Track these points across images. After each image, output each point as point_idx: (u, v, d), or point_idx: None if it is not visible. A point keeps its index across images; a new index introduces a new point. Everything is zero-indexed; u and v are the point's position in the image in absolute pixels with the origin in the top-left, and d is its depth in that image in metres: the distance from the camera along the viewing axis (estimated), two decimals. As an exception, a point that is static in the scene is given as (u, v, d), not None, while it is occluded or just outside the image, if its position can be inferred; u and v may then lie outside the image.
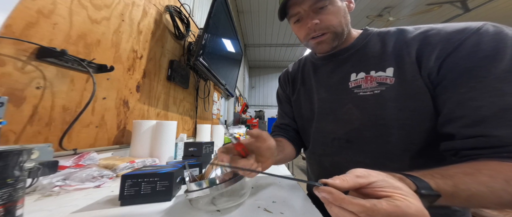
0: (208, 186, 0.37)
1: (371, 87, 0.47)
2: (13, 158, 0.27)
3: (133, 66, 0.89)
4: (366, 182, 0.24)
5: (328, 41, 0.50)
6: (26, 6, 0.51)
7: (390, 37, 0.48)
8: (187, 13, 1.36)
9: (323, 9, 0.48)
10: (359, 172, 0.25)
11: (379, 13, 4.36)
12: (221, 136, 1.57)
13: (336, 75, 0.54)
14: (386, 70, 0.45)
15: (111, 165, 0.60)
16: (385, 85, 0.45)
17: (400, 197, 0.21)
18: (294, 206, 0.44)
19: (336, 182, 0.24)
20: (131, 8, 0.87)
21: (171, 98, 1.26)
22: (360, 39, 0.53)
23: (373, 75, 0.47)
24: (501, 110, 0.31)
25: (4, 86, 0.47)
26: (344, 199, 0.22)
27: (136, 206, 0.41)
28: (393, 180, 0.24)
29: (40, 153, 0.47)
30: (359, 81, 0.49)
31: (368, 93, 0.47)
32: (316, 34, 0.50)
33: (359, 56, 0.51)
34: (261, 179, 0.65)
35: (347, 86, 0.51)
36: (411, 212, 0.20)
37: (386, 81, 0.45)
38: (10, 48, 0.48)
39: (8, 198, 0.27)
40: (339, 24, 0.49)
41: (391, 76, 0.45)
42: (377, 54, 0.48)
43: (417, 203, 0.22)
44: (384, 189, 0.23)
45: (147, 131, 0.79)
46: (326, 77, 0.57)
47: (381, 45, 0.49)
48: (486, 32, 0.35)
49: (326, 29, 0.49)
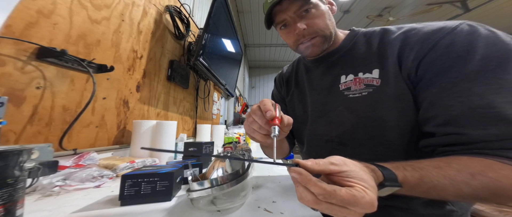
0: (210, 186, 0.37)
1: (359, 89, 0.47)
2: (13, 158, 0.27)
3: (133, 66, 0.89)
4: (337, 169, 0.25)
5: (318, 44, 0.50)
6: (26, 6, 0.51)
7: (375, 38, 0.48)
8: (187, 13, 1.36)
9: (308, 13, 0.48)
10: (334, 159, 0.26)
11: (379, 13, 4.36)
12: (221, 136, 1.57)
13: (327, 78, 0.54)
14: (373, 71, 0.46)
15: (111, 165, 0.60)
16: (372, 87, 0.45)
17: (359, 188, 0.23)
18: (294, 206, 0.44)
19: (308, 164, 0.26)
20: (131, 8, 0.87)
21: (171, 98, 1.26)
22: (347, 40, 0.53)
23: (361, 77, 0.47)
24: (469, 109, 0.33)
25: (4, 86, 0.47)
26: (310, 180, 0.24)
27: (136, 206, 0.41)
28: (363, 172, 0.26)
29: (40, 153, 0.47)
30: (348, 83, 0.49)
31: (357, 95, 0.47)
32: (306, 39, 0.50)
33: (347, 58, 0.51)
34: (261, 179, 0.65)
35: (338, 88, 0.51)
36: (362, 202, 0.22)
37: (373, 82, 0.45)
38: (10, 48, 0.48)
39: (8, 198, 0.27)
40: (326, 26, 0.49)
41: (377, 77, 0.45)
42: (364, 56, 0.49)
43: (372, 195, 0.23)
44: (351, 179, 0.24)
45: (147, 131, 0.79)
46: (318, 79, 0.57)
47: (366, 46, 0.49)
48: (460, 32, 0.36)
49: (315, 33, 0.49)
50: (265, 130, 0.38)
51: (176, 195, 0.47)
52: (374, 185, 0.25)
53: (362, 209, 0.22)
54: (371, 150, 0.47)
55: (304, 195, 0.24)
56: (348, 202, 0.22)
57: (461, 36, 0.36)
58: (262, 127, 0.38)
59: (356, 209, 0.22)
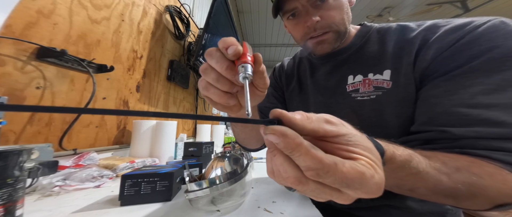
0: (208, 186, 0.37)
1: (368, 91, 0.43)
2: (13, 158, 0.27)
3: (133, 66, 0.89)
4: (335, 131, 0.17)
5: (330, 41, 0.45)
6: (26, 6, 0.51)
7: (391, 35, 0.44)
8: (187, 13, 1.36)
9: (324, 2, 0.42)
10: (330, 117, 0.18)
11: (379, 13, 4.36)
12: (221, 136, 1.57)
13: (333, 78, 0.50)
14: (384, 72, 0.41)
15: (111, 165, 0.60)
16: (381, 90, 0.41)
17: (368, 163, 0.16)
18: (294, 206, 0.44)
19: (296, 117, 0.17)
20: (131, 8, 0.87)
21: (171, 98, 1.26)
22: (358, 37, 0.48)
23: (371, 78, 0.43)
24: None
25: (4, 86, 0.47)
26: (300, 145, 0.15)
27: (136, 206, 0.41)
28: (366, 139, 0.19)
29: (40, 153, 0.47)
30: (356, 84, 0.45)
31: (365, 97, 0.43)
32: (316, 33, 0.44)
33: (357, 57, 0.47)
34: (261, 179, 0.65)
35: (344, 90, 0.47)
36: (371, 183, 0.15)
37: (383, 85, 0.41)
38: (10, 48, 0.48)
39: (8, 198, 0.27)
40: (342, 21, 0.44)
41: (388, 79, 0.41)
42: (376, 55, 0.44)
43: (382, 174, 0.17)
44: (353, 148, 0.16)
45: (147, 131, 0.79)
46: (323, 79, 0.52)
47: (380, 44, 0.45)
48: (488, 28, 0.32)
49: (328, 27, 0.43)
50: (227, 82, 0.26)
51: (176, 195, 0.47)
52: (380, 159, 0.18)
53: (366, 193, 0.15)
54: None
55: (283, 168, 0.16)
56: (352, 182, 0.15)
57: (487, 33, 0.31)
58: (222, 78, 0.26)
59: (356, 192, 0.15)
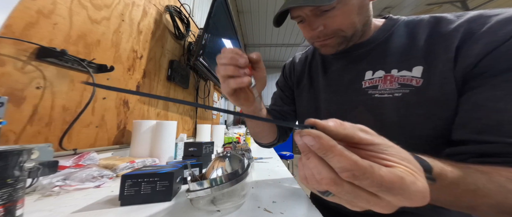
0: (209, 186, 0.37)
1: (390, 88, 0.39)
2: (13, 158, 0.27)
3: (133, 66, 0.89)
4: (369, 139, 0.17)
5: (333, 45, 0.44)
6: (26, 6, 0.51)
7: (423, 28, 0.39)
8: (187, 13, 1.36)
9: (330, 11, 0.39)
10: (365, 127, 0.19)
11: (379, 13, 4.37)
12: (221, 136, 1.57)
13: (348, 74, 0.47)
14: (413, 69, 0.38)
15: (111, 165, 0.60)
16: (409, 87, 0.37)
17: (407, 170, 0.16)
18: (294, 206, 0.44)
19: (330, 124, 0.18)
20: (131, 8, 0.87)
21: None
22: (382, 31, 0.45)
23: (394, 74, 0.39)
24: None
25: (4, 86, 0.47)
26: (333, 147, 0.16)
27: (136, 206, 0.41)
28: (404, 152, 0.19)
29: (40, 153, 0.46)
30: (375, 80, 0.42)
31: (386, 95, 0.40)
32: (320, 39, 0.44)
33: (379, 52, 0.43)
34: (261, 180, 0.65)
35: (360, 86, 0.44)
36: (412, 189, 0.15)
37: (411, 82, 0.37)
38: (10, 48, 0.48)
39: (8, 198, 0.27)
40: (350, 25, 0.41)
41: (419, 76, 0.37)
42: (403, 50, 0.40)
43: (424, 182, 0.17)
44: (389, 157, 0.17)
45: (147, 131, 0.79)
46: (336, 75, 0.49)
47: (409, 38, 0.40)
48: None
49: (333, 33, 0.42)
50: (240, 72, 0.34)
51: (176, 195, 0.47)
52: (422, 169, 0.18)
53: (409, 200, 0.15)
54: None
55: (317, 171, 0.16)
56: (391, 185, 0.15)
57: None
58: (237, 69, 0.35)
59: (398, 198, 0.15)
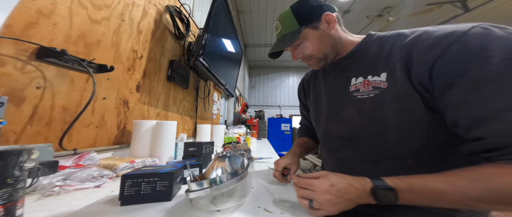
0: (209, 186, 0.37)
1: (367, 91, 0.50)
2: (13, 158, 0.27)
3: (133, 66, 0.89)
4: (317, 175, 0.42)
5: (315, 63, 0.60)
6: (26, 6, 0.51)
7: (387, 42, 0.50)
8: (187, 13, 1.36)
9: (300, 45, 0.57)
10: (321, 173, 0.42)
11: (379, 13, 4.36)
12: (221, 136, 1.57)
13: (340, 80, 0.59)
14: (381, 75, 0.48)
15: (111, 165, 0.60)
16: (379, 89, 0.48)
17: (320, 181, 0.39)
18: (294, 206, 0.44)
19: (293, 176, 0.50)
20: (131, 8, 0.87)
21: (171, 98, 1.26)
22: (360, 45, 0.56)
23: (369, 79, 0.50)
24: (495, 110, 0.32)
25: (4, 86, 0.47)
26: (300, 181, 0.42)
27: (136, 206, 0.41)
28: (335, 176, 0.40)
29: (40, 153, 0.46)
30: (358, 85, 0.53)
31: (365, 96, 0.51)
32: (305, 61, 0.61)
33: (359, 62, 0.55)
34: (261, 179, 0.65)
35: (348, 90, 0.55)
36: (320, 184, 0.39)
37: (380, 85, 0.48)
38: (10, 48, 0.48)
39: (8, 198, 0.27)
40: (319, 50, 0.56)
41: (384, 80, 0.47)
42: (374, 60, 0.51)
43: (325, 183, 0.39)
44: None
45: (147, 131, 0.79)
46: (332, 82, 0.62)
47: (378, 50, 0.51)
48: (472, 35, 0.36)
49: (309, 57, 0.58)
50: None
51: (176, 195, 0.47)
52: (334, 183, 0.38)
53: (317, 194, 0.38)
54: (375, 145, 0.50)
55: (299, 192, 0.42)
56: (311, 184, 0.40)
57: (474, 38, 0.35)
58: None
59: (314, 193, 0.39)
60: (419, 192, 0.35)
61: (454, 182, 0.32)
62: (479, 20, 4.39)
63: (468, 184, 0.31)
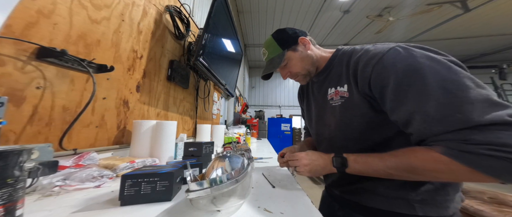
0: (209, 186, 0.37)
1: (337, 99, 0.60)
2: (13, 158, 0.27)
3: (133, 66, 0.89)
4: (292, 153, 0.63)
5: (301, 79, 0.71)
6: (26, 6, 0.51)
7: (345, 58, 0.60)
8: (187, 13, 1.36)
9: (285, 66, 0.68)
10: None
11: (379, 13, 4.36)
12: (221, 136, 1.57)
13: (321, 90, 0.69)
14: (344, 86, 0.58)
15: (111, 165, 0.60)
16: (344, 98, 0.58)
17: (302, 154, 0.59)
18: (294, 206, 0.44)
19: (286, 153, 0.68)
20: (131, 8, 0.87)
21: (171, 98, 1.26)
22: (330, 61, 0.66)
23: (338, 90, 0.60)
24: (411, 113, 0.42)
25: (4, 86, 0.47)
26: (290, 155, 0.62)
27: (136, 206, 0.41)
28: (304, 153, 0.60)
29: (40, 153, 0.47)
30: (332, 94, 0.62)
31: (336, 104, 0.60)
32: (292, 78, 0.72)
33: (331, 75, 0.65)
34: (261, 179, 0.65)
35: (326, 99, 0.65)
36: (301, 157, 0.58)
37: (344, 95, 0.58)
38: (10, 48, 0.48)
39: (8, 198, 0.27)
40: (302, 68, 0.67)
41: (346, 91, 0.57)
42: (339, 73, 0.61)
43: (305, 156, 0.58)
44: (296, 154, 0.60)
45: (147, 131, 0.79)
46: (317, 92, 0.72)
47: (340, 65, 0.61)
48: (387, 57, 0.46)
49: (295, 75, 0.70)
50: None
51: (176, 195, 0.47)
52: (310, 156, 0.58)
53: (299, 162, 0.58)
54: (346, 143, 0.60)
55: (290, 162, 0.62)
56: (295, 157, 0.59)
57: (388, 59, 0.46)
58: None
59: (297, 162, 0.58)
60: (360, 162, 0.49)
61: (383, 157, 0.46)
62: (479, 20, 4.39)
63: (390, 158, 0.45)
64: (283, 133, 6.13)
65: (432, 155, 0.39)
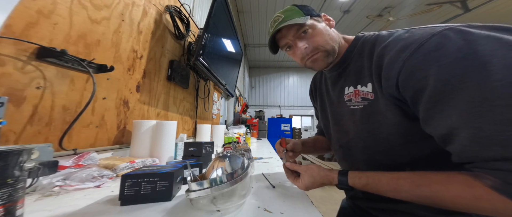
0: (209, 186, 0.37)
1: (357, 101, 0.49)
2: (13, 158, 0.27)
3: (133, 66, 0.89)
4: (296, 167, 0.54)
5: (322, 58, 0.53)
6: (26, 6, 0.51)
7: (367, 47, 0.48)
8: (187, 13, 1.36)
9: (306, 34, 0.52)
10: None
11: (379, 13, 4.36)
12: (221, 136, 1.57)
13: (336, 89, 0.57)
14: (367, 85, 0.47)
15: (111, 165, 0.60)
16: (367, 101, 0.47)
17: (305, 168, 0.51)
18: (294, 206, 0.44)
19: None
20: (131, 8, 0.87)
21: (171, 98, 1.26)
22: (348, 51, 0.54)
23: (359, 89, 0.49)
24: (451, 128, 0.32)
25: (4, 86, 0.47)
26: (293, 166, 0.54)
27: (136, 206, 0.41)
28: (306, 167, 0.51)
29: (40, 153, 0.46)
30: (350, 95, 0.52)
31: (356, 107, 0.50)
32: (309, 55, 0.54)
33: (349, 70, 0.53)
34: (261, 179, 0.65)
35: (343, 99, 0.54)
36: (304, 171, 0.50)
37: (368, 96, 0.47)
38: (10, 48, 0.48)
39: (8, 198, 0.27)
40: (326, 42, 0.52)
41: (371, 91, 0.46)
42: (360, 68, 0.49)
43: (309, 170, 0.50)
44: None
45: (147, 131, 0.79)
46: (332, 90, 0.60)
47: (362, 56, 0.49)
48: (427, 48, 0.34)
49: (316, 49, 0.52)
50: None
51: (176, 195, 0.47)
52: (307, 170, 0.50)
53: (302, 176, 0.50)
54: (369, 156, 0.49)
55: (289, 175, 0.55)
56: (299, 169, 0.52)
57: (428, 51, 0.33)
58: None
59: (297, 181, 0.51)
60: (370, 190, 0.41)
61: (396, 187, 0.37)
62: (479, 20, 4.39)
63: (407, 189, 0.36)
64: (283, 133, 6.14)
65: (474, 192, 0.29)
